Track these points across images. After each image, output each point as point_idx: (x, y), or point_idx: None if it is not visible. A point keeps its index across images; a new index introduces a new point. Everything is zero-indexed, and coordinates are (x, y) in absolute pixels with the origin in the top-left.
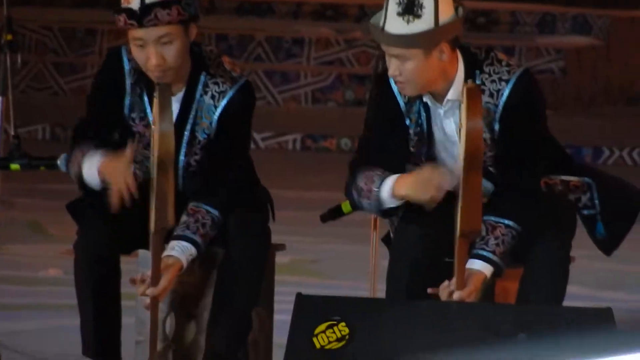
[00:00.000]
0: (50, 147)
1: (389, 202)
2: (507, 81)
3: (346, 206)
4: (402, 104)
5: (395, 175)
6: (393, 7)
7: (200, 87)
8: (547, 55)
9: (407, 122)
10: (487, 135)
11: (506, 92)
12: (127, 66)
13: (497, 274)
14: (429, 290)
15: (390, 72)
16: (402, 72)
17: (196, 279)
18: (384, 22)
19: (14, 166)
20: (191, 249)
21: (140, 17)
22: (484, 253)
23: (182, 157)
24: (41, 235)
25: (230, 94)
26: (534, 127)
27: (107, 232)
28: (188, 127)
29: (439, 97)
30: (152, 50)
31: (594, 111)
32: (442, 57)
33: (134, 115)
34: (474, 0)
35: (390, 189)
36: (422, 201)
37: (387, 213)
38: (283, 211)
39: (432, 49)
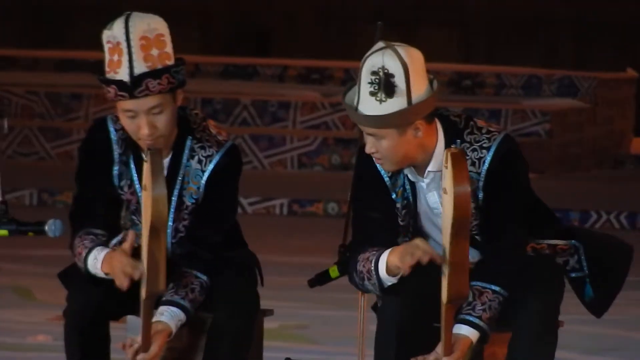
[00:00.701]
0: (38, 212)
1: (387, 280)
2: (488, 148)
3: (334, 271)
4: (386, 179)
5: (387, 251)
6: (365, 87)
7: (187, 151)
8: (533, 118)
9: (393, 195)
10: (471, 204)
11: (488, 159)
12: (113, 136)
13: (483, 339)
14: None
15: (367, 149)
16: (379, 149)
17: (185, 345)
18: (357, 101)
19: (2, 232)
20: (180, 315)
21: (132, 88)
22: (471, 318)
23: (170, 223)
24: (29, 301)
25: (217, 157)
26: (517, 193)
27: (96, 298)
28: (175, 192)
29: (420, 170)
30: (144, 120)
31: (580, 174)
32: (417, 134)
33: (122, 183)
34: (459, 63)
35: (384, 266)
36: (407, 264)
37: (390, 290)
38: (271, 276)
39: (407, 128)
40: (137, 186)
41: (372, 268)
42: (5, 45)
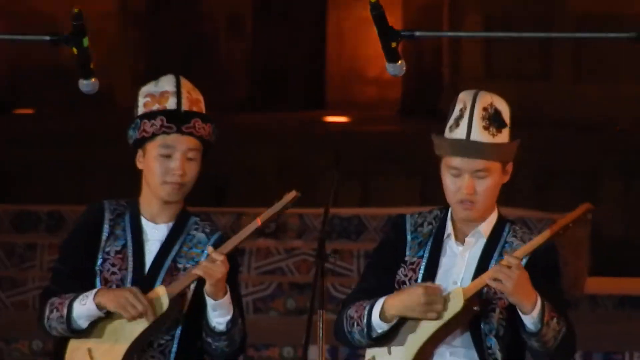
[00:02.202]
0: None
1: (378, 325)
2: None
3: None
4: (409, 239)
5: (383, 297)
6: (478, 121)
7: (190, 223)
8: None
9: (408, 253)
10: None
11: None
12: (108, 207)
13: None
14: None
15: (466, 192)
16: (478, 190)
17: None
18: (469, 132)
19: None
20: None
21: (180, 121)
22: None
23: (158, 284)
24: None
25: (220, 233)
26: (558, 281)
27: None
28: (170, 256)
29: (461, 236)
30: (179, 160)
31: None
32: (505, 178)
33: (108, 248)
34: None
35: (379, 311)
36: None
37: (377, 340)
38: None
39: (507, 164)
40: (130, 242)
41: (366, 312)
42: None
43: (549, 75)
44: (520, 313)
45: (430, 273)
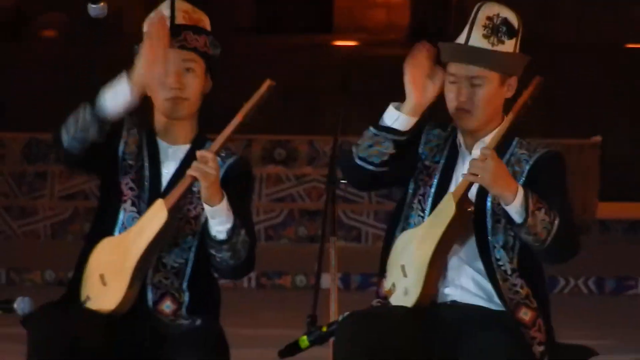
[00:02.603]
0: (6, 291)
1: (389, 116)
2: (543, 148)
3: (303, 341)
4: (423, 139)
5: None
6: (479, 30)
7: (207, 147)
8: None
9: (421, 149)
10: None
11: (540, 152)
12: (126, 122)
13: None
14: None
15: (461, 99)
16: (473, 98)
17: None
18: (468, 38)
19: None
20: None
21: (171, 36)
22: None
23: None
24: None
25: (236, 157)
26: (562, 186)
27: (68, 329)
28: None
29: (470, 145)
30: (174, 71)
31: None
32: (508, 92)
33: (128, 160)
34: None
35: (399, 105)
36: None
37: (381, 135)
38: (240, 349)
39: (508, 77)
40: (145, 160)
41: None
42: None
43: None
44: (504, 206)
45: (446, 179)
